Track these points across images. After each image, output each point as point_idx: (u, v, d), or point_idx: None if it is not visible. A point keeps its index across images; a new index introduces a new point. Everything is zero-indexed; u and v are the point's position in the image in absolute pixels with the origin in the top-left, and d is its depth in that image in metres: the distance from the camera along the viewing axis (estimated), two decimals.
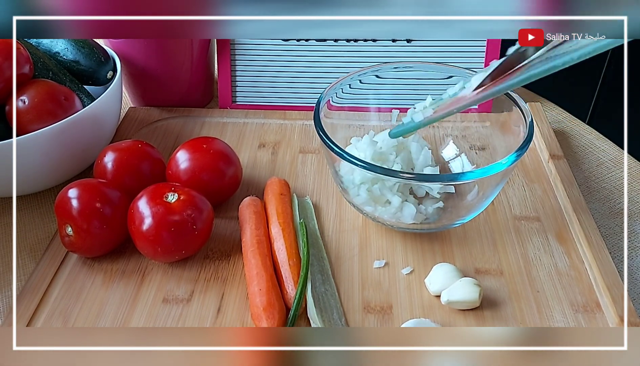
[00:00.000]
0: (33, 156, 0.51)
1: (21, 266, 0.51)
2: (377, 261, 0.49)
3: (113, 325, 0.44)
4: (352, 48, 0.66)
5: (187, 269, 0.48)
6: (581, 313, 0.45)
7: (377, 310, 0.45)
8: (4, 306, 0.47)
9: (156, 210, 0.45)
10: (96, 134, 0.57)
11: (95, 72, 0.61)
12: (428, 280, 0.47)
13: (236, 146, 0.62)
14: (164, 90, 0.68)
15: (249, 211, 0.51)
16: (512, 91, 0.51)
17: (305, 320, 0.44)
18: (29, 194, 0.57)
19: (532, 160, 0.60)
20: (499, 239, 0.51)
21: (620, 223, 0.54)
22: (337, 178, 0.51)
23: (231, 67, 0.68)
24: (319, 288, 0.45)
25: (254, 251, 0.47)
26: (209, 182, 0.51)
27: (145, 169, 0.52)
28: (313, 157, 0.61)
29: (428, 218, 0.49)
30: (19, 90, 0.53)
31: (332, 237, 0.51)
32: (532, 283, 0.47)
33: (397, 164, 0.53)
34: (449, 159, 0.57)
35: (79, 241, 0.47)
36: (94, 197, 0.47)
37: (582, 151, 0.64)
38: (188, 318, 0.44)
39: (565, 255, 0.49)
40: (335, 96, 0.53)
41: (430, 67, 0.56)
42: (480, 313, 0.45)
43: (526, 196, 0.56)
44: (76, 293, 0.46)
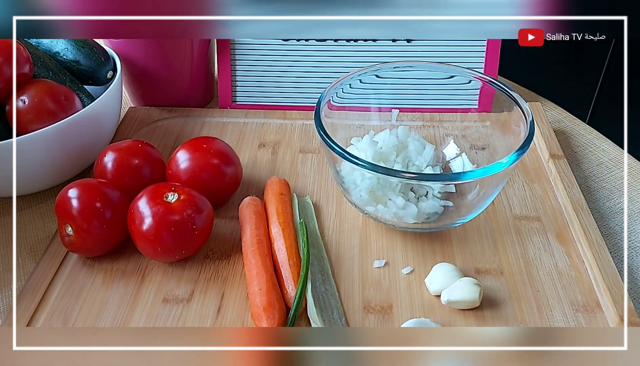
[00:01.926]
0: (33, 156, 0.51)
1: (21, 266, 0.51)
2: (377, 261, 0.49)
3: (113, 325, 0.44)
4: (352, 48, 0.66)
5: (187, 269, 0.48)
6: (581, 312, 0.45)
7: (377, 310, 0.45)
8: (4, 306, 0.47)
9: (156, 210, 0.45)
10: (96, 134, 0.57)
11: (95, 72, 0.61)
12: (428, 280, 0.47)
13: (236, 146, 0.62)
14: (164, 90, 0.68)
15: (249, 211, 0.51)
16: (512, 91, 0.51)
17: (305, 320, 0.44)
18: (29, 194, 0.57)
19: (532, 160, 0.60)
20: (499, 239, 0.51)
21: (620, 223, 0.54)
22: (338, 178, 0.51)
23: (231, 67, 0.68)
24: (319, 288, 0.45)
25: (254, 251, 0.47)
26: (209, 182, 0.51)
27: (145, 169, 0.52)
28: (313, 157, 0.61)
29: (429, 218, 0.49)
30: (19, 90, 0.53)
31: (332, 237, 0.51)
32: (532, 282, 0.47)
33: (397, 163, 0.53)
34: (450, 158, 0.57)
35: (79, 241, 0.47)
36: (94, 197, 0.47)
37: (582, 150, 0.64)
38: (188, 318, 0.44)
39: (565, 255, 0.49)
40: (335, 96, 0.53)
41: (431, 67, 0.56)
42: (480, 313, 0.45)
43: (526, 195, 0.56)
44: (76, 293, 0.46)
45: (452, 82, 0.55)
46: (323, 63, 0.67)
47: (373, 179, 0.48)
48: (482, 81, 0.53)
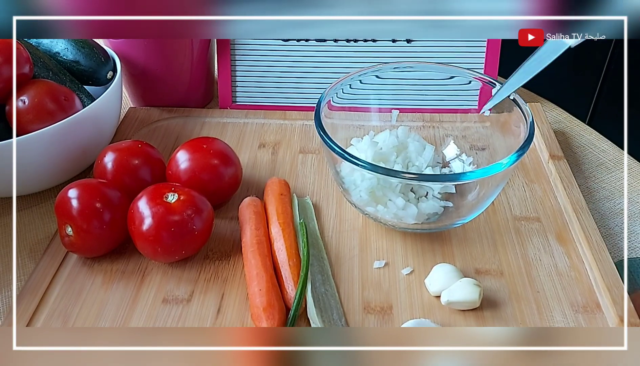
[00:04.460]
0: (33, 156, 0.51)
1: (21, 266, 0.51)
2: (377, 262, 0.49)
3: (113, 325, 0.44)
4: (352, 48, 0.66)
5: (187, 270, 0.48)
6: (581, 313, 0.45)
7: (377, 310, 0.45)
8: (4, 306, 0.47)
9: (156, 210, 0.45)
10: (96, 134, 0.57)
11: (95, 72, 0.61)
12: (428, 280, 0.47)
13: (236, 146, 0.62)
14: (164, 90, 0.68)
15: (249, 211, 0.51)
16: (512, 91, 0.51)
17: (305, 320, 0.44)
18: (29, 194, 0.57)
19: (532, 160, 0.60)
20: (499, 239, 0.51)
21: (620, 224, 0.54)
22: (338, 179, 0.51)
23: (231, 67, 0.68)
24: (319, 288, 0.45)
25: (254, 251, 0.47)
26: (209, 182, 0.51)
27: (145, 169, 0.52)
28: (313, 157, 0.61)
29: (429, 218, 0.49)
30: (19, 90, 0.53)
31: (332, 237, 0.51)
32: (532, 283, 0.47)
33: (397, 164, 0.53)
34: (450, 159, 0.57)
35: (79, 241, 0.47)
36: (94, 197, 0.47)
37: (582, 151, 0.64)
38: (188, 318, 0.44)
39: (565, 255, 0.49)
40: (335, 96, 0.53)
41: (431, 67, 0.56)
42: (480, 313, 0.45)
43: (526, 196, 0.56)
44: (76, 293, 0.46)
45: (452, 82, 0.55)
46: (323, 63, 0.67)
47: (373, 179, 0.48)
48: (482, 82, 0.53)
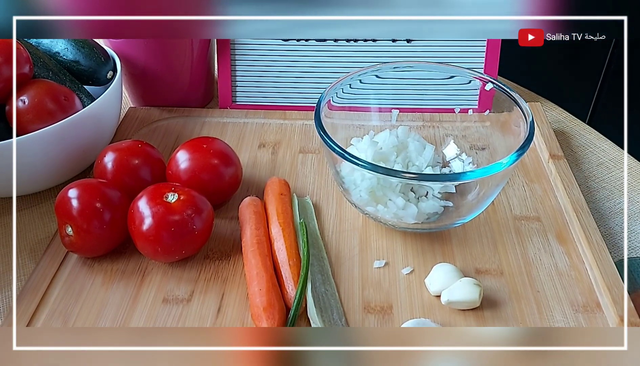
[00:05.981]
0: (33, 156, 0.51)
1: (21, 266, 0.51)
2: (377, 261, 0.49)
3: (113, 325, 0.44)
4: (352, 48, 0.66)
5: (187, 269, 0.48)
6: (581, 313, 0.45)
7: (377, 310, 0.45)
8: (4, 306, 0.47)
9: (156, 210, 0.45)
10: (96, 134, 0.57)
11: (95, 72, 0.61)
12: (428, 280, 0.47)
13: (236, 146, 0.62)
14: (164, 90, 0.68)
15: (249, 211, 0.51)
16: (512, 91, 0.51)
17: (305, 320, 0.44)
18: (29, 194, 0.57)
19: (532, 160, 0.60)
20: (499, 239, 0.51)
21: (620, 223, 0.54)
22: (338, 179, 0.51)
23: (231, 67, 0.68)
24: (319, 288, 0.45)
25: (254, 251, 0.47)
26: (209, 182, 0.51)
27: (145, 169, 0.52)
28: (313, 157, 0.61)
29: (429, 218, 0.49)
30: (19, 90, 0.53)
31: (332, 237, 0.51)
32: (532, 283, 0.47)
33: (397, 164, 0.53)
34: (450, 158, 0.57)
35: (79, 241, 0.47)
36: (94, 197, 0.47)
37: (582, 151, 0.64)
38: (188, 318, 0.44)
39: (565, 255, 0.49)
40: (335, 96, 0.53)
41: (431, 67, 0.56)
42: (480, 313, 0.45)
43: (526, 196, 0.56)
44: (76, 293, 0.46)
45: (452, 82, 0.55)
46: (323, 63, 0.67)
47: (373, 179, 0.48)
48: (482, 81, 0.53)
